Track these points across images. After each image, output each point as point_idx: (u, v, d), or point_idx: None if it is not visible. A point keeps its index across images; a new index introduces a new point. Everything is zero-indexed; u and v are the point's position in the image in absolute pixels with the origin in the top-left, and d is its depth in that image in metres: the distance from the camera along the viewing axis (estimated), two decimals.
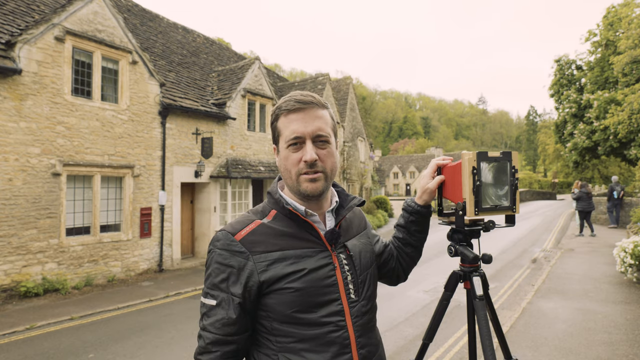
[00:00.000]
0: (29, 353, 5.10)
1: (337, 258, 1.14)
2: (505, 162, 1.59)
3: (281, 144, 1.14)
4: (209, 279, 1.10)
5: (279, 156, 1.16)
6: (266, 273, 1.06)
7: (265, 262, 1.06)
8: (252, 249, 1.07)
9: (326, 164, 1.13)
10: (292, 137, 1.10)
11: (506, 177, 1.60)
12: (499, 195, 1.60)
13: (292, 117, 1.12)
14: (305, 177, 1.11)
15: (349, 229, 1.26)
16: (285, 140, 1.12)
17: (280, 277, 1.06)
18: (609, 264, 9.29)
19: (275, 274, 1.06)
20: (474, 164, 1.55)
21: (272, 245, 1.09)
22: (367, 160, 25.20)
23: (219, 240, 1.11)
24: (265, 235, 1.10)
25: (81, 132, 8.61)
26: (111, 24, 9.22)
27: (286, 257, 1.08)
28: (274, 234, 1.11)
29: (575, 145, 23.65)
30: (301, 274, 1.07)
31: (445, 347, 4.95)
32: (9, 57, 7.50)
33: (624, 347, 4.73)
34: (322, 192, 1.13)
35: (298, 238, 1.11)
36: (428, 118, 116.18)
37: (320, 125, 1.12)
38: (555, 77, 26.44)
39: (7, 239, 7.43)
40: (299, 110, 1.12)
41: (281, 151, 1.14)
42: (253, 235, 1.09)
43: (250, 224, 1.12)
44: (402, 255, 1.48)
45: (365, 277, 1.21)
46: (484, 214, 1.60)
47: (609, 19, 22.99)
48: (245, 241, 1.08)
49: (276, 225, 1.12)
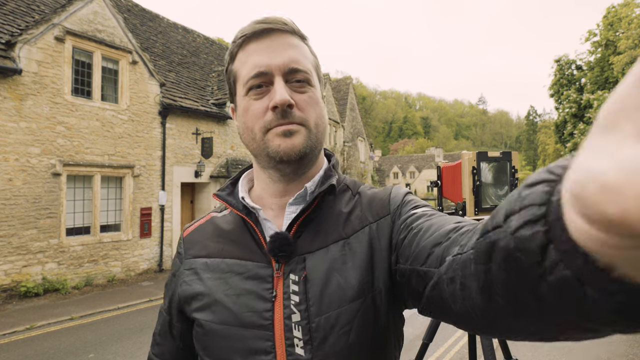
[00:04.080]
0: (29, 353, 5.10)
1: (283, 283, 0.69)
2: (505, 162, 1.60)
3: (238, 92, 0.76)
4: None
5: (237, 114, 0.78)
6: (185, 287, 0.77)
7: (189, 270, 0.78)
8: (188, 251, 0.81)
9: (307, 114, 0.72)
10: (252, 74, 0.71)
11: (506, 177, 1.60)
12: (499, 195, 1.60)
13: (252, 48, 0.72)
14: (274, 131, 0.70)
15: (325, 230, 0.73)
16: (243, 84, 0.73)
17: (188, 298, 0.76)
18: None
19: (184, 291, 0.77)
20: (474, 164, 1.56)
21: (202, 249, 0.79)
22: (367, 160, 25.21)
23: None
24: (204, 234, 0.82)
25: (81, 132, 8.61)
26: (111, 24, 9.22)
27: (210, 268, 0.75)
28: (212, 233, 0.80)
29: (575, 145, 23.65)
30: (211, 301, 0.72)
31: (445, 347, 4.95)
32: (9, 57, 7.50)
33: (624, 347, 4.73)
34: (303, 152, 0.71)
35: (236, 243, 0.76)
36: (428, 118, 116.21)
37: (295, 57, 0.72)
38: (555, 77, 26.46)
39: (7, 239, 7.43)
40: (261, 36, 0.72)
41: (238, 104, 0.76)
42: (196, 233, 0.83)
43: (203, 217, 0.87)
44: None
45: (331, 321, 0.67)
46: (484, 214, 1.60)
47: (609, 19, 23.01)
48: (187, 240, 0.83)
49: (222, 222, 0.81)
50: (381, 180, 52.81)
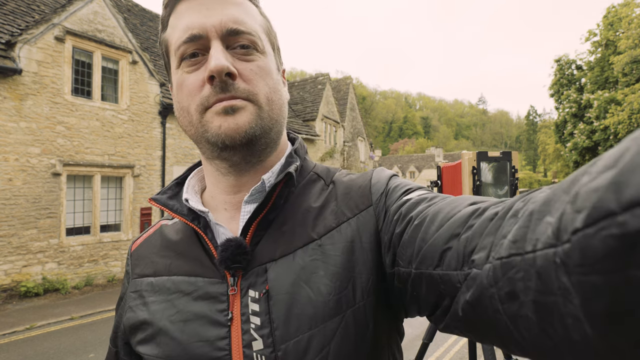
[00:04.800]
0: (29, 353, 5.10)
1: (240, 302, 0.55)
2: (506, 162, 1.60)
3: (172, 65, 0.61)
4: None
5: (173, 92, 0.63)
6: (126, 315, 0.64)
7: (134, 293, 0.64)
8: (135, 269, 0.67)
9: (256, 86, 0.57)
10: (183, 38, 0.56)
11: (506, 177, 1.60)
12: (499, 195, 1.60)
13: (183, 8, 0.58)
14: (214, 109, 0.56)
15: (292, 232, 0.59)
16: (174, 52, 0.59)
17: (132, 328, 0.62)
18: None
19: (128, 320, 0.63)
20: (474, 164, 1.56)
21: (149, 266, 0.65)
22: (367, 160, 25.22)
23: None
24: (152, 247, 0.67)
25: (81, 132, 8.61)
26: (111, 24, 9.22)
27: (155, 289, 0.61)
28: (160, 245, 0.66)
29: (575, 145, 23.67)
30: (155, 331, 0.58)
31: (445, 347, 4.95)
32: (9, 57, 7.50)
33: None
34: (251, 134, 0.57)
35: (184, 256, 0.62)
36: (428, 118, 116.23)
37: (237, 15, 0.58)
38: (555, 77, 26.46)
39: (7, 239, 7.43)
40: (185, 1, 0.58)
41: (173, 79, 0.61)
42: (143, 247, 0.69)
43: (153, 227, 0.72)
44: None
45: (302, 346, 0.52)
46: None
47: (609, 19, 23.01)
48: (135, 255, 0.69)
49: (171, 231, 0.67)
50: None
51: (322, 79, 18.93)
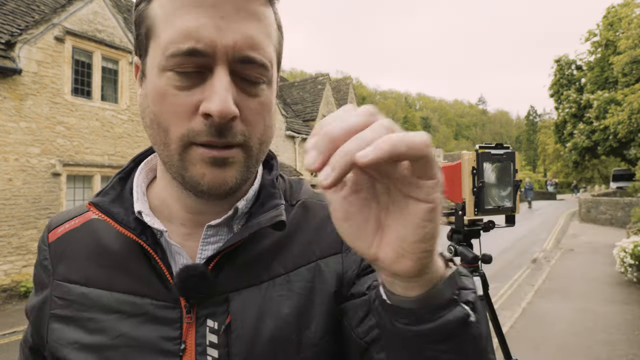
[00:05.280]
0: None
1: (195, 331, 0.51)
2: (509, 163, 1.59)
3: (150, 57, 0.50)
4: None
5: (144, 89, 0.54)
6: (56, 324, 0.55)
7: (60, 300, 0.56)
8: (56, 268, 0.58)
9: (254, 128, 0.51)
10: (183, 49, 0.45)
11: (509, 177, 1.60)
12: (502, 196, 1.60)
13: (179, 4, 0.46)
14: (201, 154, 0.48)
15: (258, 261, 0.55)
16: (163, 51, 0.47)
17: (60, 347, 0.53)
18: (609, 264, 9.29)
19: (57, 337, 0.54)
20: (474, 164, 1.55)
21: (78, 270, 0.56)
22: None
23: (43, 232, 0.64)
24: (79, 246, 0.58)
25: (81, 132, 8.60)
26: (111, 24, 9.22)
27: (89, 303, 0.54)
28: (93, 249, 0.57)
29: (575, 145, 23.67)
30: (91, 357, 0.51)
31: None
32: (9, 57, 7.50)
33: (624, 347, 4.73)
34: (235, 188, 0.51)
35: (126, 270, 0.54)
36: (428, 118, 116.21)
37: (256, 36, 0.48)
38: (555, 77, 26.46)
39: (7, 239, 7.42)
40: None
41: (149, 77, 0.51)
42: (67, 242, 0.59)
43: (75, 217, 0.61)
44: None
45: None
46: (486, 214, 1.60)
47: (609, 19, 23.00)
48: (55, 247, 0.59)
49: (106, 234, 0.57)
50: None
51: (322, 79, 18.93)
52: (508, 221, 1.75)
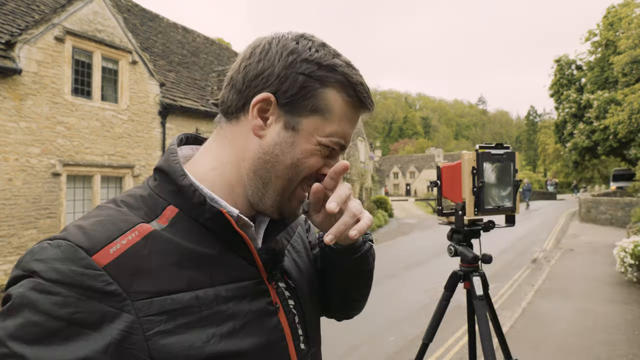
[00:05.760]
0: None
1: (276, 292, 0.69)
2: (509, 163, 1.59)
3: (312, 125, 0.65)
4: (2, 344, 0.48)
5: (292, 137, 0.65)
6: (166, 340, 0.54)
7: (162, 315, 0.54)
8: (134, 288, 0.54)
9: None
10: (340, 142, 0.67)
11: (509, 177, 1.60)
12: (502, 196, 1.60)
13: (351, 113, 0.67)
14: (303, 195, 0.69)
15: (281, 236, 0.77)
16: (326, 133, 0.65)
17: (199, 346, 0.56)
18: (609, 264, 9.29)
19: (187, 341, 0.55)
20: (474, 164, 1.56)
21: (174, 280, 0.57)
22: (367, 160, 25.21)
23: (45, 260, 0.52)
24: (160, 257, 0.58)
25: (81, 132, 8.61)
26: (111, 24, 9.22)
27: (203, 304, 0.58)
28: (179, 255, 0.59)
29: (575, 145, 23.66)
30: (238, 336, 0.60)
31: (445, 347, 4.95)
32: (9, 57, 7.50)
33: (624, 347, 4.73)
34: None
35: (219, 264, 0.62)
36: (428, 118, 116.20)
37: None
38: (555, 77, 26.46)
39: (7, 239, 7.43)
40: (358, 107, 0.69)
41: (302, 136, 0.65)
42: (135, 258, 0.56)
43: (128, 232, 0.57)
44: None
45: (312, 310, 0.78)
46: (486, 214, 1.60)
47: (609, 19, 23.00)
48: (120, 269, 0.54)
49: (180, 237, 0.60)
50: (381, 180, 52.75)
51: None
52: (508, 221, 1.75)
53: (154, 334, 0.53)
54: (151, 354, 0.53)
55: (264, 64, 0.64)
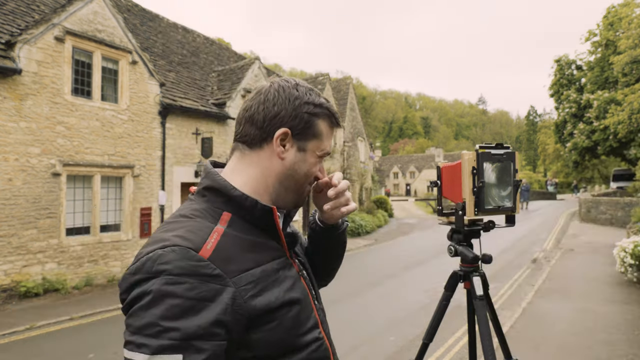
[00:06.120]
0: (29, 353, 5.10)
1: (296, 264, 0.98)
2: (509, 163, 1.59)
3: (314, 146, 0.95)
4: (156, 325, 0.69)
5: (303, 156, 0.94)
6: (256, 299, 0.79)
7: (249, 285, 0.79)
8: (228, 270, 0.78)
9: None
10: (327, 151, 0.99)
11: (509, 177, 1.60)
12: (502, 196, 1.60)
13: (331, 133, 0.99)
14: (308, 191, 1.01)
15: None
16: (321, 148, 0.97)
17: (272, 300, 0.82)
18: (609, 264, 9.29)
19: (269, 298, 0.82)
20: (474, 164, 1.55)
21: (247, 261, 0.82)
22: (367, 160, 25.20)
23: (168, 262, 0.73)
24: (235, 248, 0.82)
25: (81, 132, 8.60)
26: (111, 24, 9.22)
27: (267, 274, 0.84)
28: (244, 245, 0.84)
29: (575, 145, 23.65)
30: (292, 291, 0.88)
31: (445, 347, 4.95)
32: (9, 57, 7.50)
33: (624, 347, 4.73)
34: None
35: (267, 247, 0.89)
36: (428, 118, 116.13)
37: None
38: (555, 77, 26.45)
39: (7, 239, 7.42)
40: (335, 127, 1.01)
41: (309, 154, 0.95)
42: (223, 250, 0.80)
43: (211, 234, 0.81)
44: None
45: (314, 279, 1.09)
46: (486, 214, 1.60)
47: (609, 19, 22.99)
48: (217, 259, 0.77)
49: (240, 233, 0.86)
50: (381, 180, 52.72)
51: (322, 79, 18.93)
52: (508, 221, 1.75)
53: (247, 298, 0.78)
54: (249, 311, 0.78)
55: (279, 108, 0.91)
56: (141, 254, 0.77)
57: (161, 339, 0.68)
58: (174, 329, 0.69)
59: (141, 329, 0.70)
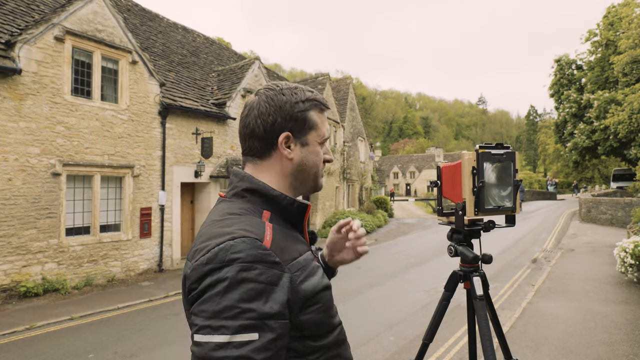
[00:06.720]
0: (29, 353, 5.10)
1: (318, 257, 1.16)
2: (509, 163, 1.59)
3: (313, 137, 1.05)
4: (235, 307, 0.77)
5: (305, 150, 1.04)
6: (304, 284, 0.89)
7: (298, 271, 0.90)
8: (283, 258, 0.88)
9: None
10: (327, 136, 1.08)
11: (510, 177, 1.59)
12: (502, 196, 1.60)
13: (324, 117, 1.08)
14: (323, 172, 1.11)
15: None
16: (320, 136, 1.06)
17: (316, 285, 0.93)
18: (609, 264, 9.29)
19: (313, 283, 0.92)
20: (474, 164, 1.55)
21: (294, 251, 0.93)
22: (367, 160, 25.19)
23: (241, 250, 0.81)
24: (284, 239, 0.93)
25: (81, 132, 8.60)
26: (111, 24, 9.21)
27: (307, 263, 0.95)
28: (288, 237, 0.96)
29: (575, 145, 23.65)
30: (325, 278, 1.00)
31: (445, 347, 4.95)
32: (9, 57, 7.49)
33: (624, 347, 4.73)
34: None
35: (300, 241, 1.00)
36: (428, 118, 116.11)
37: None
38: (555, 77, 26.45)
39: (7, 239, 7.42)
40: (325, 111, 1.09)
41: (311, 145, 1.05)
42: (278, 241, 0.90)
43: (265, 226, 0.92)
44: None
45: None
46: (486, 214, 1.60)
47: (609, 18, 22.99)
48: (275, 248, 0.87)
49: (281, 228, 0.97)
50: (381, 180, 52.70)
51: (322, 79, 18.92)
52: (508, 221, 1.75)
53: (299, 282, 0.89)
54: (301, 294, 0.88)
55: (274, 117, 0.99)
56: (209, 245, 0.84)
57: (240, 320, 0.76)
58: (251, 310, 0.77)
59: (219, 312, 0.77)
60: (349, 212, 19.36)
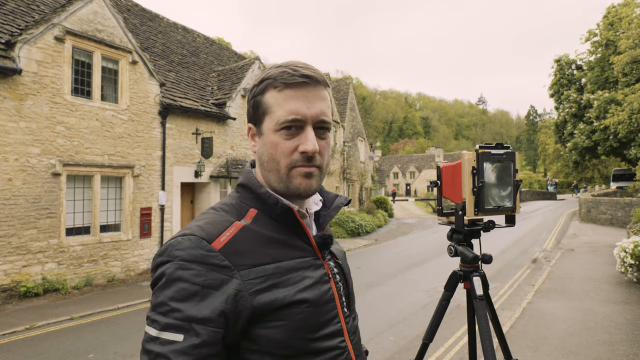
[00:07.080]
0: (29, 353, 5.10)
1: (328, 267, 0.94)
2: (509, 163, 1.59)
3: (267, 124, 0.88)
4: (166, 304, 0.75)
5: (261, 141, 0.91)
6: (261, 295, 0.80)
7: (257, 279, 0.80)
8: (237, 262, 0.80)
9: (324, 159, 0.90)
10: (288, 118, 0.85)
11: (509, 177, 1.60)
12: (502, 196, 1.60)
13: (290, 94, 0.86)
14: (299, 171, 0.87)
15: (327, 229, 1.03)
16: (275, 122, 0.86)
17: (279, 298, 0.82)
18: (609, 264, 9.29)
19: (276, 296, 0.81)
20: (474, 164, 1.55)
21: (262, 256, 0.83)
22: (367, 160, 25.19)
23: (183, 249, 0.79)
24: (251, 242, 0.84)
25: (81, 132, 8.60)
26: (111, 24, 9.22)
27: (282, 271, 0.84)
28: (262, 240, 0.85)
29: (575, 145, 23.66)
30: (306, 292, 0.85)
31: (445, 347, 4.95)
32: (9, 57, 7.50)
33: (624, 347, 4.73)
34: (315, 191, 0.91)
35: (289, 245, 0.88)
36: (428, 118, 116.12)
37: (325, 109, 0.88)
38: (555, 77, 26.46)
39: (7, 239, 7.42)
40: (300, 86, 0.87)
41: (266, 135, 0.89)
42: (236, 244, 0.82)
43: (229, 228, 0.85)
44: None
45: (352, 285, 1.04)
46: (486, 214, 1.60)
47: (609, 18, 23.00)
48: (228, 251, 0.80)
49: (262, 229, 0.87)
50: (381, 180, 52.73)
51: None
52: (508, 221, 1.75)
53: (253, 292, 0.79)
54: (253, 304, 0.79)
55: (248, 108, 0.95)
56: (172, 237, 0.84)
57: (168, 317, 0.75)
58: (178, 310, 0.75)
59: (155, 306, 0.77)
60: (349, 212, 19.36)
